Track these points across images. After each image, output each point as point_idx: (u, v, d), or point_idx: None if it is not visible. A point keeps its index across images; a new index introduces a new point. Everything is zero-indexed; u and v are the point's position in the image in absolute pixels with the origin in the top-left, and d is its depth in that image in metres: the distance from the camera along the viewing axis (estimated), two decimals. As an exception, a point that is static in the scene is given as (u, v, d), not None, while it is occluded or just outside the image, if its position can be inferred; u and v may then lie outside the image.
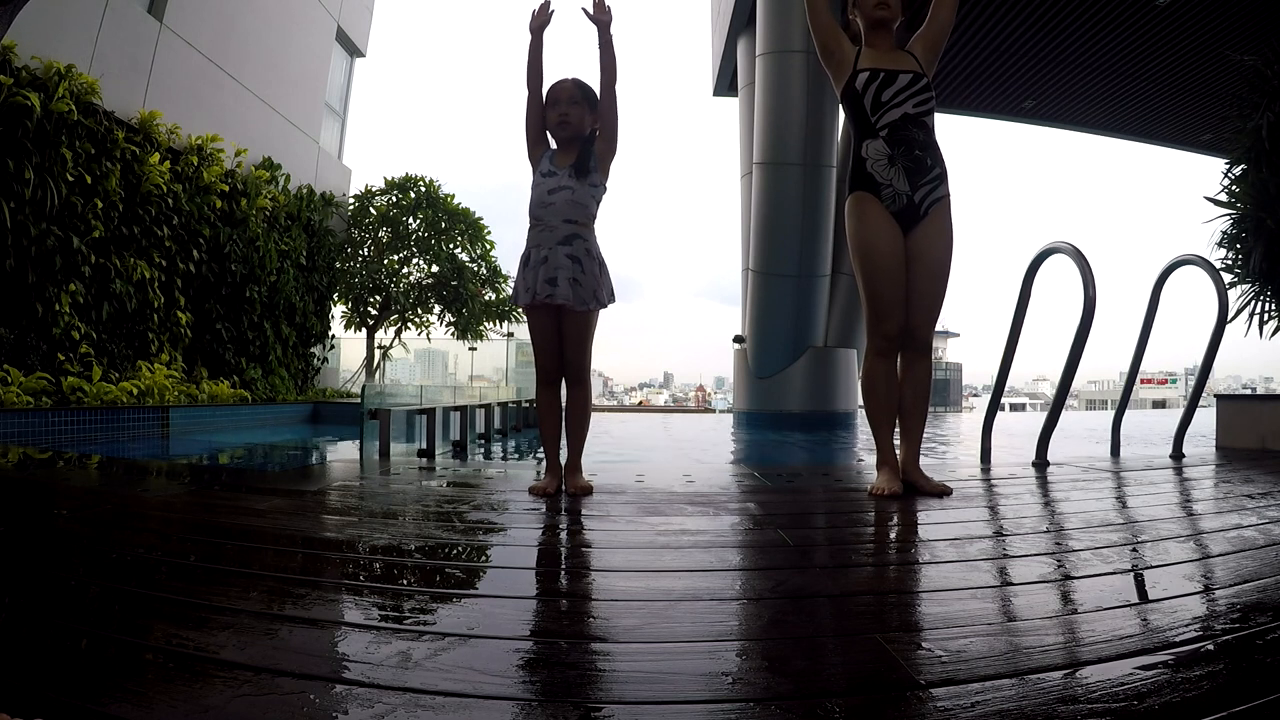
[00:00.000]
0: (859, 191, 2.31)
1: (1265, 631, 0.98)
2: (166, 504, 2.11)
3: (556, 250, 2.27)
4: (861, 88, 2.28)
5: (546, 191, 2.31)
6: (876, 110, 2.26)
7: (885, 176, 2.26)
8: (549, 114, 2.38)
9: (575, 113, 2.35)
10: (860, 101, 2.28)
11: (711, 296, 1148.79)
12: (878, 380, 2.37)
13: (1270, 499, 2.16)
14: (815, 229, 9.51)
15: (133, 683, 0.80)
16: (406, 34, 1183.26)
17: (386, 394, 5.21)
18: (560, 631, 1.02)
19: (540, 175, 2.36)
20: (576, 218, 2.29)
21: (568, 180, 2.30)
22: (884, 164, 2.26)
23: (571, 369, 2.36)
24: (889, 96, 2.26)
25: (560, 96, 2.36)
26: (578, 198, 2.29)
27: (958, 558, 1.44)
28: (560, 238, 2.28)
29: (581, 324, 2.31)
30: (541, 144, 2.42)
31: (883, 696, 0.79)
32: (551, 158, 2.37)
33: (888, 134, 2.25)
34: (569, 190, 2.29)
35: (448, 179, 43.97)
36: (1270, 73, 4.38)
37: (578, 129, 2.35)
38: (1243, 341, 4.73)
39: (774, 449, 6.87)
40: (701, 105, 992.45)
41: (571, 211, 2.29)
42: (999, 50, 10.60)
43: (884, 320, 2.30)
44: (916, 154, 2.25)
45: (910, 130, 2.25)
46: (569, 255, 2.26)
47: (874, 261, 2.29)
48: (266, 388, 9.21)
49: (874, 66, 2.29)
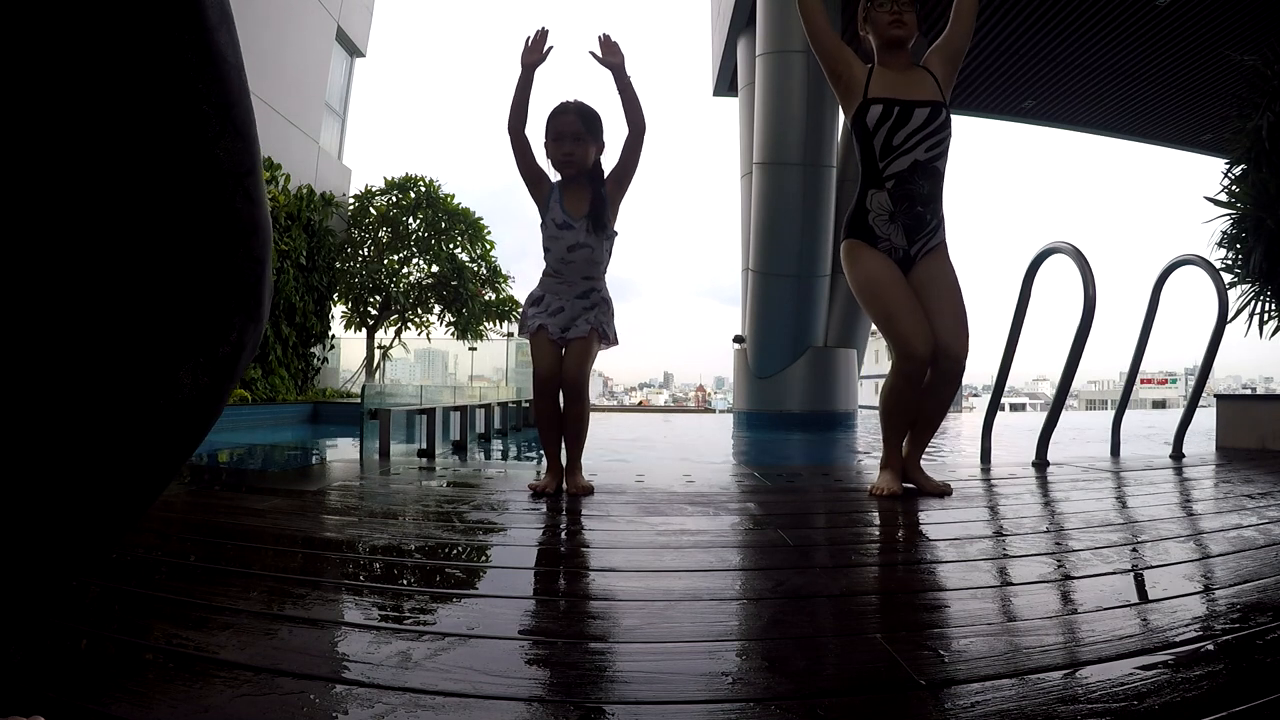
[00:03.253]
0: (855, 240, 2.26)
1: (1265, 631, 0.98)
2: (166, 504, 2.11)
3: (574, 302, 2.33)
4: (873, 126, 2.16)
5: (566, 249, 2.29)
6: (886, 155, 2.17)
7: (884, 231, 2.22)
8: (551, 149, 2.30)
9: (580, 151, 2.28)
10: (870, 142, 2.18)
11: (711, 296, 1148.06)
12: (902, 403, 2.24)
13: (1270, 499, 2.16)
14: (815, 229, 9.51)
15: (133, 683, 0.80)
16: (406, 34, 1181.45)
17: (386, 394, 5.21)
18: (560, 631, 1.02)
19: (555, 225, 2.29)
20: (594, 274, 2.34)
21: (586, 237, 2.28)
22: (885, 219, 2.21)
23: (570, 384, 2.31)
24: (901, 140, 2.15)
25: (564, 132, 2.27)
26: (596, 256, 2.32)
27: (958, 558, 1.44)
28: (578, 292, 2.33)
29: (585, 345, 2.30)
30: (541, 182, 2.35)
31: (883, 696, 0.79)
32: (561, 201, 2.30)
33: (893, 186, 2.18)
34: (588, 249, 2.30)
35: (448, 179, 44.17)
36: (1270, 73, 4.38)
37: (582, 166, 2.30)
38: (1243, 341, 4.73)
39: (774, 449, 6.87)
40: (701, 105, 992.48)
41: (590, 269, 2.33)
42: (999, 50, 10.60)
43: (910, 341, 2.14)
44: (918, 210, 2.19)
45: (916, 183, 2.17)
46: (585, 306, 2.33)
47: (882, 288, 2.19)
48: (266, 388, 9.21)
49: (888, 97, 2.16)
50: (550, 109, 2.32)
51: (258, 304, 0.52)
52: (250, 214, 0.50)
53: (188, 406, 0.49)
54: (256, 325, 0.52)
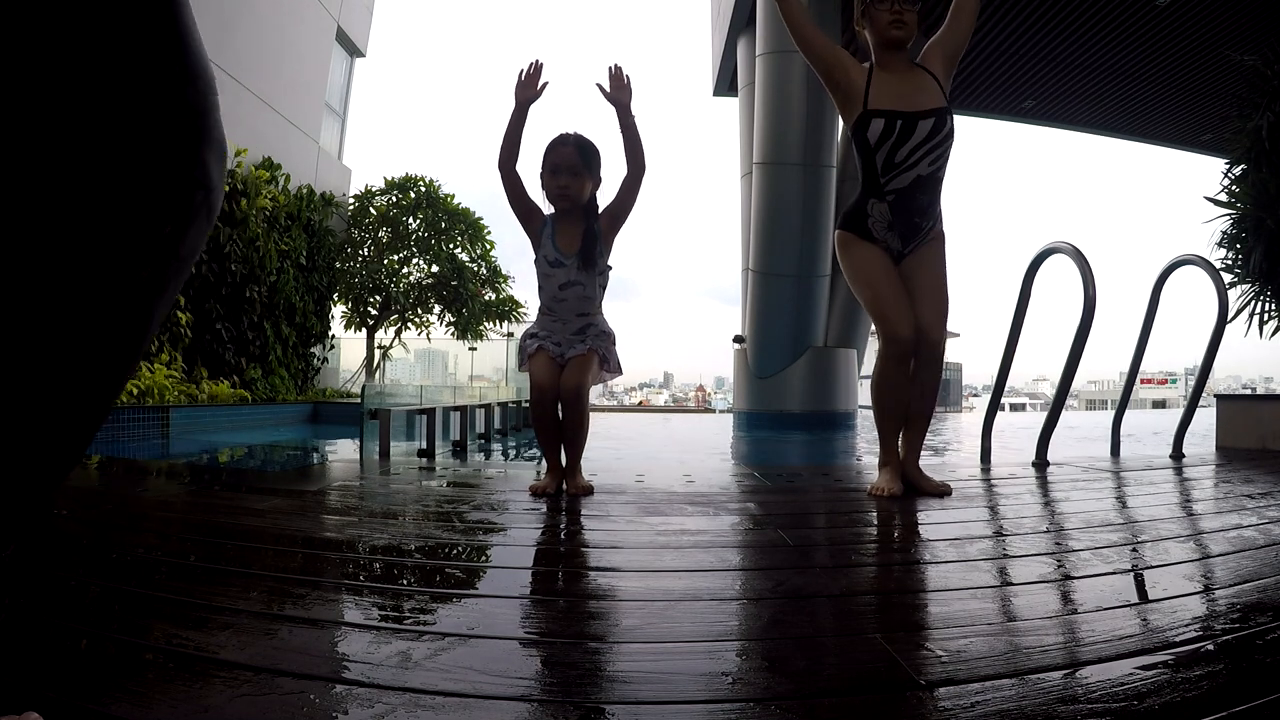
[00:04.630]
0: (850, 232, 2.30)
1: (1265, 631, 0.98)
2: (166, 504, 2.11)
3: (571, 340, 2.33)
4: (875, 142, 2.15)
5: (558, 287, 2.30)
6: (889, 171, 2.18)
7: (881, 236, 2.28)
8: (547, 180, 2.28)
9: (576, 185, 2.25)
10: (872, 158, 2.19)
11: (711, 296, 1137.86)
12: (888, 385, 2.30)
13: (1270, 499, 2.16)
14: (815, 229, 9.51)
15: (133, 683, 0.80)
16: (406, 34, 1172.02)
17: (386, 394, 5.22)
18: (560, 631, 1.02)
19: (547, 263, 2.29)
20: (588, 310, 2.34)
21: (577, 275, 2.28)
22: (883, 227, 2.26)
23: (569, 393, 2.25)
24: (904, 156, 2.15)
25: (560, 165, 2.25)
26: (588, 293, 2.32)
27: (958, 558, 1.44)
28: (574, 330, 2.34)
29: (584, 360, 2.29)
30: (534, 217, 2.33)
31: (883, 696, 0.79)
32: (553, 238, 2.29)
33: (894, 200, 2.21)
34: (580, 286, 2.30)
35: (448, 179, 44.21)
36: (1270, 73, 4.38)
37: (577, 200, 2.28)
38: (1243, 341, 4.74)
39: (774, 449, 6.87)
40: (701, 105, 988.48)
41: (584, 306, 2.33)
42: (999, 50, 10.60)
43: (895, 326, 2.22)
44: (915, 221, 2.25)
45: (917, 197, 2.20)
46: (581, 341, 2.33)
47: (872, 276, 2.27)
48: (266, 388, 9.21)
49: (890, 109, 2.13)
50: (549, 139, 2.30)
51: (217, 142, 0.53)
52: (184, 60, 0.51)
53: (166, 246, 0.51)
54: (220, 163, 0.54)
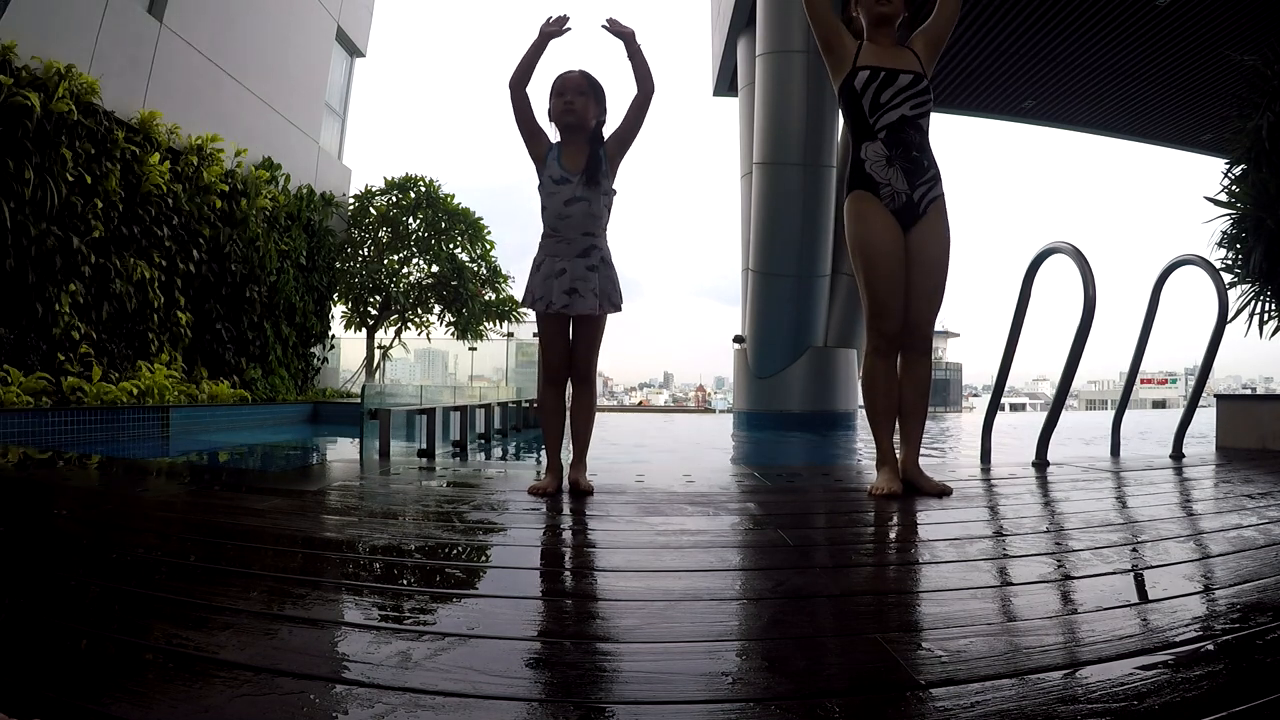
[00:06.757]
0: (858, 190, 2.33)
1: (1265, 631, 0.98)
2: (166, 504, 2.11)
3: (575, 263, 2.28)
4: (861, 87, 2.29)
5: (563, 203, 2.28)
6: (875, 111, 2.28)
7: (884, 176, 2.29)
8: (553, 102, 2.32)
9: (581, 103, 2.29)
10: (859, 101, 2.30)
11: (711, 296, 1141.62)
12: (877, 379, 2.36)
13: (1270, 499, 2.16)
14: (815, 229, 9.51)
15: (133, 683, 0.80)
16: (406, 34, 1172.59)
17: (386, 394, 5.22)
18: (560, 631, 1.02)
19: (552, 181, 2.29)
20: (593, 229, 2.30)
21: (582, 190, 2.27)
22: (882, 165, 2.28)
23: (579, 370, 2.36)
24: (888, 98, 2.27)
25: (567, 86, 2.30)
26: (594, 210, 2.29)
27: (958, 558, 1.44)
28: (578, 250, 2.28)
29: (594, 327, 2.33)
30: (539, 138, 2.35)
31: (883, 696, 0.79)
32: (558, 157, 2.31)
33: (885, 135, 2.27)
34: (585, 203, 2.28)
35: (448, 179, 43.99)
36: (1270, 73, 4.38)
37: (582, 119, 2.30)
38: (1243, 341, 4.73)
39: (774, 449, 6.87)
40: (701, 105, 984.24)
41: (589, 224, 2.29)
42: (999, 50, 10.60)
43: (883, 318, 2.30)
44: (914, 155, 2.29)
45: (907, 132, 2.28)
46: (588, 267, 2.28)
47: (873, 260, 2.30)
48: (266, 388, 9.21)
49: (874, 65, 2.29)
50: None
51: None
52: None
53: None
54: None
